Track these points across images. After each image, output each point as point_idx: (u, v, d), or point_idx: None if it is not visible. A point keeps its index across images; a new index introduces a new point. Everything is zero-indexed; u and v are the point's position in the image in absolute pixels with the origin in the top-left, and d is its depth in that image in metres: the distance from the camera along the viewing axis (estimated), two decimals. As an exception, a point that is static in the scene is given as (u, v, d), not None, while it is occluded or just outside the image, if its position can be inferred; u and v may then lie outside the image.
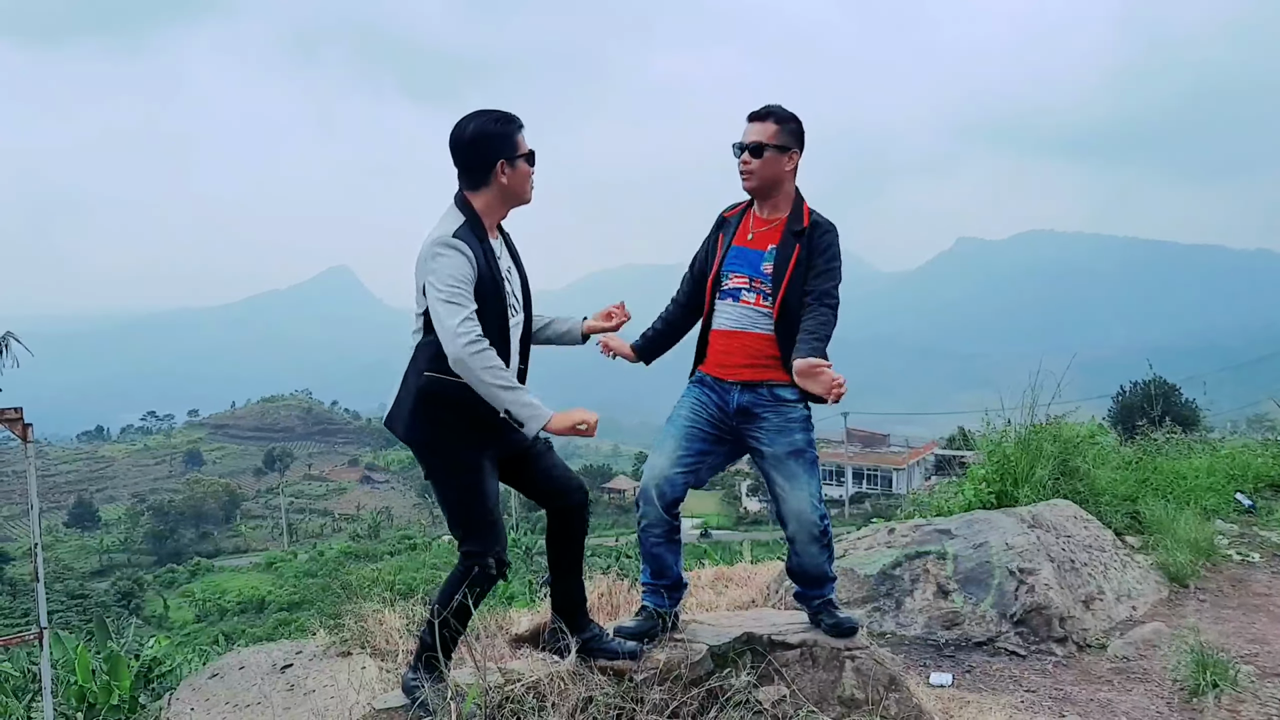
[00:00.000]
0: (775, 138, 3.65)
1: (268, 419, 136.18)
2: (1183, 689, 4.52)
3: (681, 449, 3.80)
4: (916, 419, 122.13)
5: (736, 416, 3.76)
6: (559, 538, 3.57)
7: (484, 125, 3.22)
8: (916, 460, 66.52)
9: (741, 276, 3.74)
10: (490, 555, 3.25)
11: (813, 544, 3.78)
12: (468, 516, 3.29)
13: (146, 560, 72.69)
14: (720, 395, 3.78)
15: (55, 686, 5.55)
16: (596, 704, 3.29)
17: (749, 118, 3.71)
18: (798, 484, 3.72)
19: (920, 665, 4.98)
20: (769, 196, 3.75)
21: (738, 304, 3.74)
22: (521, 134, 3.25)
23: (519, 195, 3.32)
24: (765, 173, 3.67)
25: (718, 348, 3.81)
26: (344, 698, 3.86)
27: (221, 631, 29.29)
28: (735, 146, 3.71)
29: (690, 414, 3.83)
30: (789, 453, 3.71)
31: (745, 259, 3.75)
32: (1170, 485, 7.70)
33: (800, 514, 3.73)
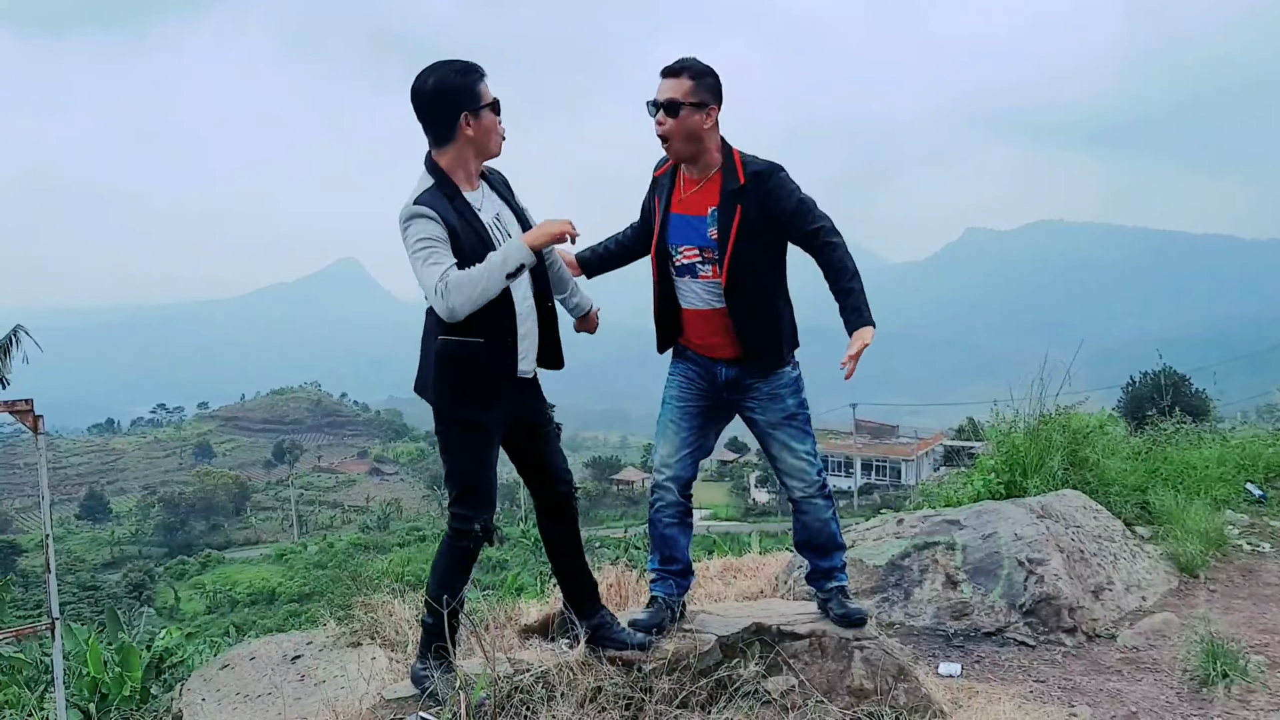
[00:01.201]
0: (691, 94, 3.46)
1: (277, 411, 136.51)
2: (1193, 679, 4.51)
3: (682, 430, 3.81)
4: (925, 410, 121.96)
5: (726, 389, 3.77)
6: (550, 525, 3.57)
7: (444, 77, 3.12)
8: (925, 451, 66.46)
9: (691, 249, 3.63)
10: (477, 521, 3.24)
11: (817, 498, 3.81)
12: (464, 476, 3.28)
13: (157, 552, 73.04)
14: (707, 369, 3.77)
15: (67, 677, 5.58)
16: (605, 694, 3.30)
17: (662, 74, 3.52)
18: (793, 447, 3.76)
19: (929, 655, 4.98)
20: (695, 157, 3.58)
21: (697, 279, 3.65)
22: (484, 83, 3.15)
23: (484, 147, 3.23)
24: (680, 130, 3.48)
25: (694, 329, 3.75)
26: (354, 688, 3.88)
27: (232, 623, 29.42)
28: (649, 105, 3.52)
29: (680, 393, 3.83)
30: (782, 418, 3.75)
31: (688, 227, 3.62)
32: (1180, 475, 7.67)
33: (800, 471, 3.78)
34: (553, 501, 3.52)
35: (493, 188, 3.36)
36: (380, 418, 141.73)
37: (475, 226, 3.17)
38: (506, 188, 3.43)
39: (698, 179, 3.62)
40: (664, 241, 3.68)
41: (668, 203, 3.67)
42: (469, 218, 3.17)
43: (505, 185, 3.43)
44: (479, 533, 3.25)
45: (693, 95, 3.46)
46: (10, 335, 14.75)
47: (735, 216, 3.52)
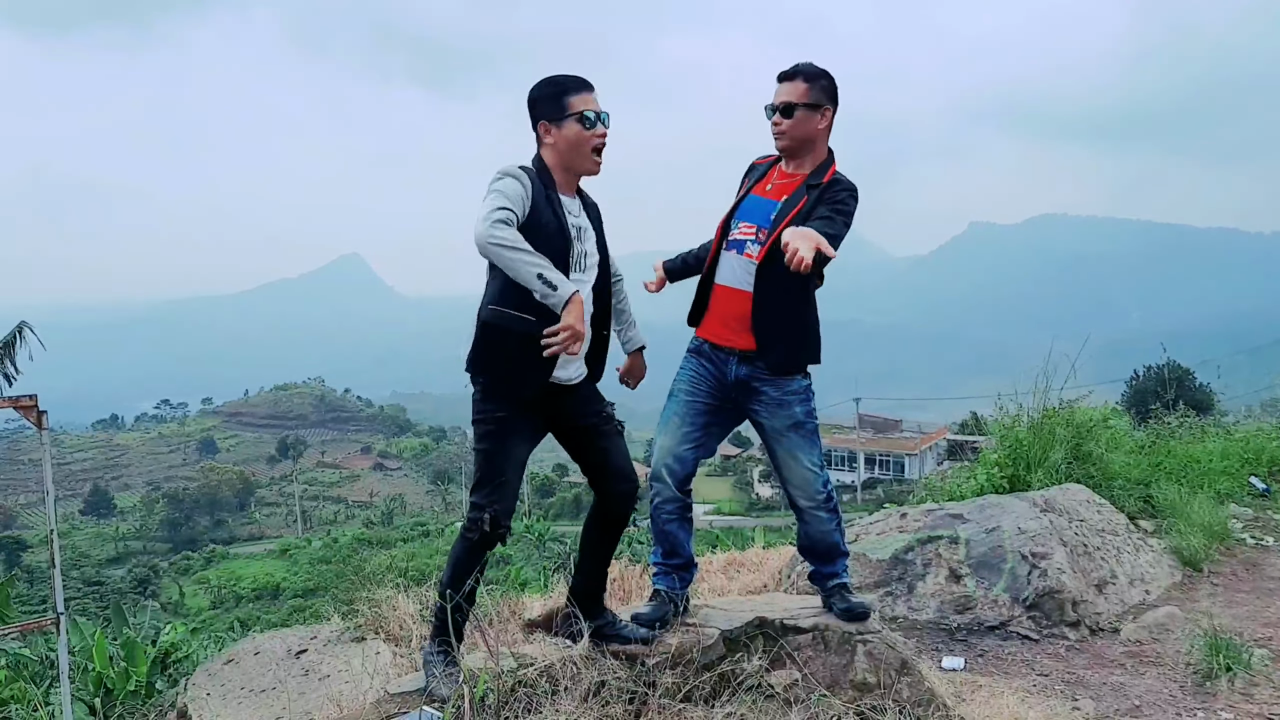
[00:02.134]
0: (805, 96, 3.58)
1: (281, 407, 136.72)
2: (1196, 673, 4.51)
3: (686, 425, 3.81)
4: (929, 404, 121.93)
5: (735, 389, 3.77)
6: (598, 522, 3.59)
7: (536, 89, 3.29)
8: (929, 446, 66.40)
9: (750, 226, 3.69)
10: (488, 510, 3.24)
11: (820, 510, 3.81)
12: (483, 464, 3.30)
13: (162, 547, 73.18)
14: (718, 366, 3.77)
15: (73, 673, 5.60)
16: (609, 688, 3.30)
17: (779, 78, 3.64)
18: (799, 456, 3.76)
19: (932, 649, 4.98)
20: (800, 155, 3.68)
21: (740, 255, 3.68)
22: (575, 96, 3.24)
23: (570, 158, 3.30)
24: (797, 132, 3.61)
25: (718, 307, 3.77)
26: (359, 683, 3.89)
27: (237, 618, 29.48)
28: (767, 109, 3.65)
29: (690, 387, 3.83)
30: (789, 426, 3.74)
31: (758, 208, 3.70)
32: (1184, 469, 7.67)
33: (806, 483, 3.77)
34: (611, 501, 3.54)
35: (586, 209, 3.44)
36: (384, 413, 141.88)
37: (559, 214, 3.25)
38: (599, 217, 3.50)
39: (791, 174, 3.72)
40: (731, 215, 3.77)
41: (753, 186, 3.77)
42: (555, 205, 3.26)
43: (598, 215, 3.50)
44: (486, 523, 3.24)
45: (807, 97, 3.58)
46: (14, 332, 14.77)
47: (799, 203, 3.60)
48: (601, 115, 3.28)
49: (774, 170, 3.77)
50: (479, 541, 3.28)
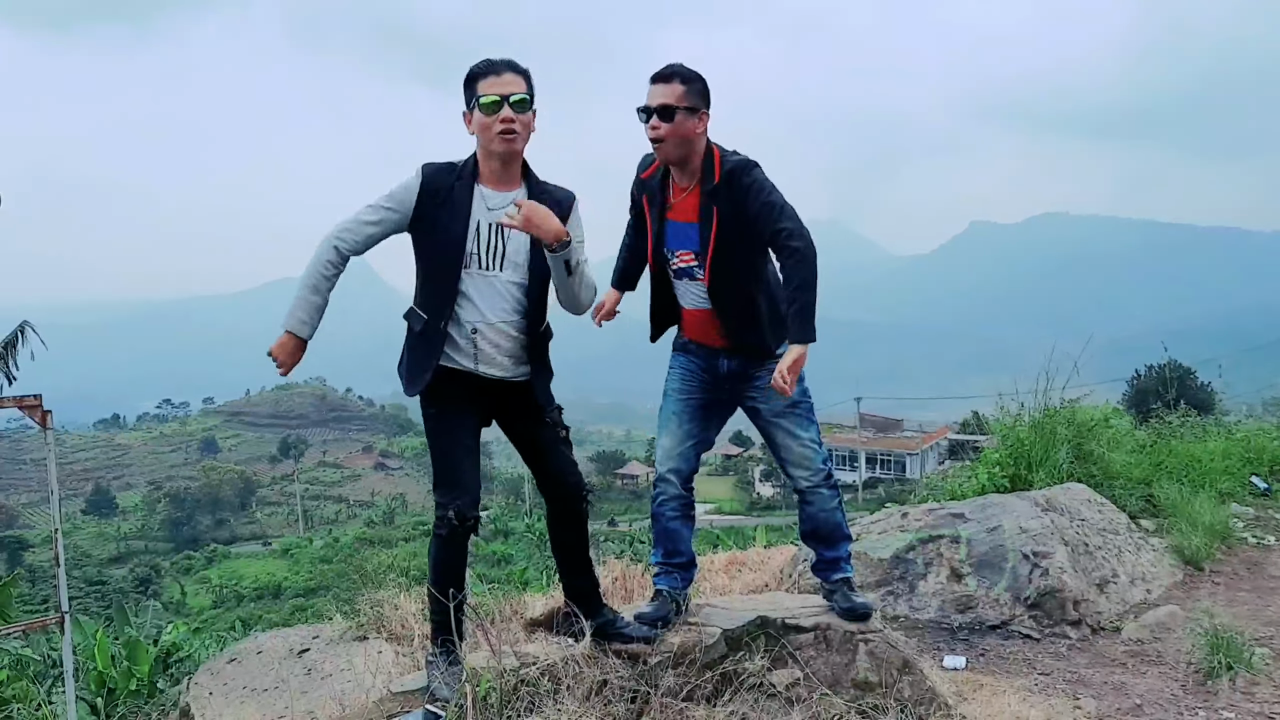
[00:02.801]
0: (684, 99, 3.45)
1: (282, 406, 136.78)
2: (1197, 672, 4.51)
3: (685, 423, 3.81)
4: (930, 403, 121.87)
5: (728, 380, 3.78)
6: (555, 528, 3.60)
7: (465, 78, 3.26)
8: (930, 445, 66.39)
9: (687, 254, 3.64)
10: (450, 508, 3.23)
11: (822, 486, 3.82)
12: (435, 463, 3.31)
13: (164, 547, 73.27)
14: (708, 359, 3.79)
15: (76, 672, 5.60)
16: (611, 687, 3.31)
17: (652, 79, 3.51)
18: (797, 434, 3.76)
19: (934, 648, 4.98)
20: (685, 163, 3.58)
21: (695, 281, 3.67)
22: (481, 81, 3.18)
23: (485, 143, 3.24)
24: (676, 135, 3.47)
25: (693, 328, 3.80)
26: (361, 682, 3.89)
27: (239, 617, 29.49)
28: (640, 111, 3.51)
29: (682, 385, 3.84)
30: (785, 406, 3.73)
31: (682, 234, 3.64)
32: (1185, 468, 7.67)
33: (807, 460, 3.77)
34: (556, 505, 3.54)
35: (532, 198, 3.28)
36: (385, 412, 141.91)
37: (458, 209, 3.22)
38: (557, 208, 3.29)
39: (687, 184, 3.64)
40: (660, 247, 3.70)
41: (662, 208, 3.68)
42: (459, 200, 3.22)
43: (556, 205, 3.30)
44: (453, 520, 3.24)
45: (685, 100, 3.46)
46: (17, 331, 14.78)
47: (713, 219, 3.54)
48: (517, 100, 3.16)
49: (670, 186, 3.67)
50: (449, 537, 3.27)
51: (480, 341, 3.25)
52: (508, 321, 3.29)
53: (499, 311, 3.28)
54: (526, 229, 3.13)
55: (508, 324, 3.29)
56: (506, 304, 3.29)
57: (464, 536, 3.29)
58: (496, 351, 3.29)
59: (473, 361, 3.27)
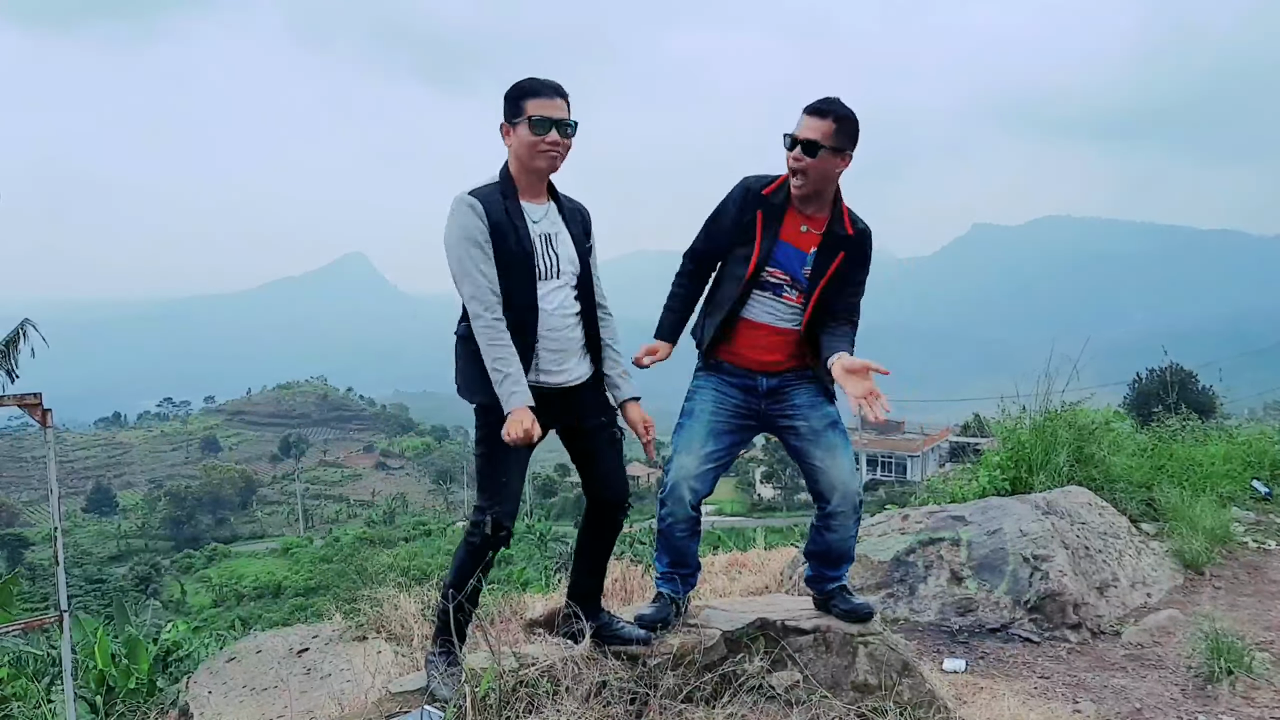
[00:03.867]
0: (831, 138, 3.42)
1: (284, 405, 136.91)
2: (1197, 676, 4.51)
3: (710, 446, 3.71)
4: (931, 405, 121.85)
5: (766, 398, 3.70)
6: (590, 531, 3.60)
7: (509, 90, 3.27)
8: (931, 447, 66.39)
9: (782, 274, 3.61)
10: (489, 514, 3.24)
11: (852, 515, 3.72)
12: (482, 470, 3.31)
13: (164, 545, 73.29)
14: (744, 380, 3.71)
15: (75, 670, 5.60)
16: (610, 688, 3.30)
17: (807, 110, 3.46)
18: (838, 455, 3.67)
19: (934, 651, 4.98)
20: (815, 199, 3.56)
21: (779, 299, 3.63)
22: (533, 100, 3.20)
23: (523, 161, 3.27)
24: (816, 173, 3.46)
25: (747, 338, 3.70)
26: (360, 681, 3.89)
27: (238, 616, 29.47)
28: (787, 138, 3.48)
29: (714, 407, 3.74)
30: (827, 425, 3.67)
31: (792, 258, 3.60)
32: (1186, 472, 7.67)
33: (845, 485, 3.66)
34: (599, 508, 3.54)
35: (562, 213, 3.41)
36: (386, 412, 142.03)
37: (518, 227, 3.25)
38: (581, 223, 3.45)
39: (810, 216, 3.61)
40: (763, 260, 3.63)
41: (778, 228, 3.62)
42: (515, 218, 3.25)
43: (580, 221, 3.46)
44: (488, 526, 3.25)
45: (833, 140, 3.43)
46: (18, 329, 14.78)
47: (834, 262, 3.56)
48: (562, 123, 3.22)
49: (791, 212, 3.62)
50: (481, 545, 3.29)
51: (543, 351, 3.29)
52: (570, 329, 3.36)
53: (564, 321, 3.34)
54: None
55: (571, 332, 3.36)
56: (567, 312, 3.35)
57: (495, 546, 3.30)
58: (556, 359, 3.34)
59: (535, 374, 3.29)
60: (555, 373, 3.33)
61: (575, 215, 3.45)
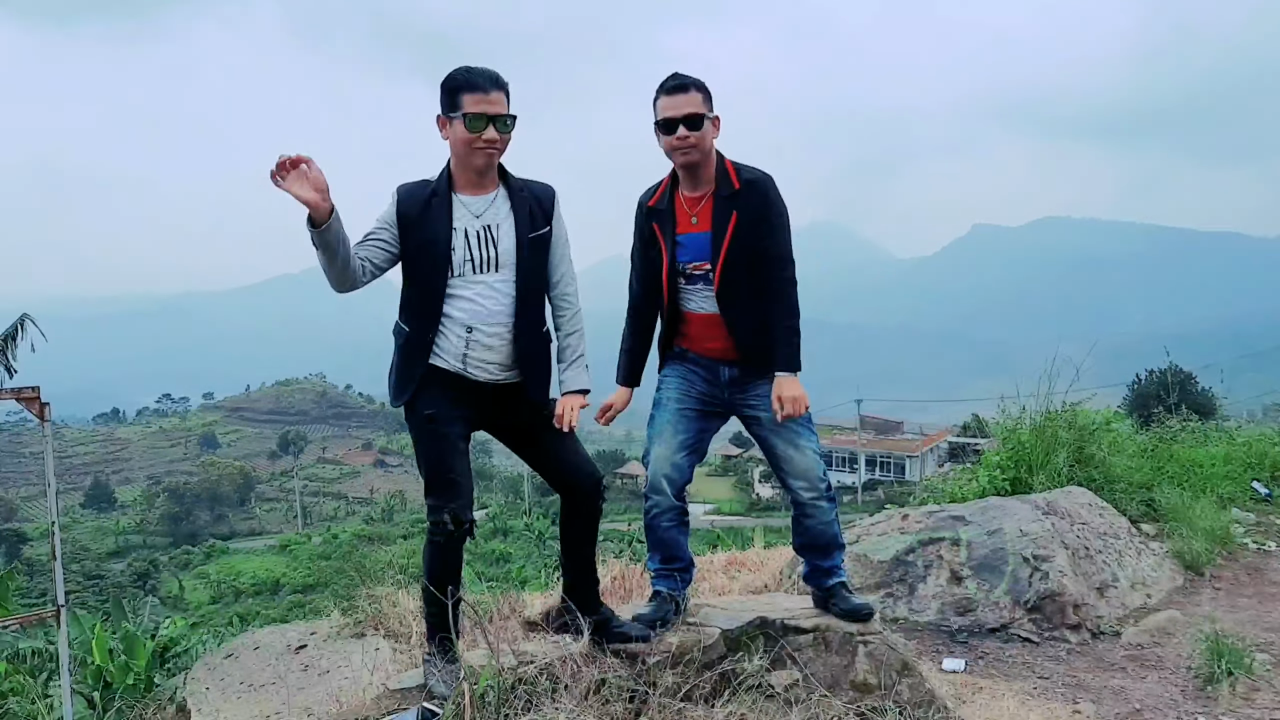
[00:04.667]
0: (704, 106, 3.50)
1: (282, 402, 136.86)
2: (1197, 677, 4.50)
3: (680, 432, 3.77)
4: (930, 406, 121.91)
5: (729, 388, 3.75)
6: (567, 523, 3.57)
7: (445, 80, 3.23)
8: (930, 447, 66.41)
9: (702, 264, 3.64)
10: (445, 511, 3.21)
11: (822, 499, 3.78)
12: (426, 467, 3.29)
13: (162, 542, 73.24)
14: (707, 369, 3.76)
15: (73, 665, 5.59)
16: (609, 686, 3.29)
17: (668, 91, 3.50)
18: (801, 444, 3.72)
19: (933, 651, 4.98)
20: (701, 170, 3.61)
21: (710, 287, 3.65)
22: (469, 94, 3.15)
23: (459, 156, 3.27)
24: (704, 144, 3.53)
25: (696, 332, 3.75)
26: (358, 678, 3.89)
27: (237, 613, 29.48)
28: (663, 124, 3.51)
29: (679, 395, 3.80)
30: None
31: (695, 246, 3.64)
32: (1186, 473, 7.66)
33: (808, 471, 3.73)
34: (570, 497, 3.52)
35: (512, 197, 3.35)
36: (385, 410, 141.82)
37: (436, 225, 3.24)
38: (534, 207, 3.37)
39: (700, 193, 3.64)
40: (674, 263, 3.69)
41: (674, 226, 3.67)
42: (437, 215, 3.25)
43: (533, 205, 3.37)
44: (448, 524, 3.22)
45: (705, 107, 3.51)
46: (17, 324, 14.77)
47: (729, 223, 3.56)
48: (500, 118, 3.18)
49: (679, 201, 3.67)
50: (445, 542, 3.27)
51: (473, 344, 3.27)
52: (502, 323, 3.30)
53: (494, 314, 3.29)
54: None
55: (503, 325, 3.31)
56: (501, 306, 3.31)
57: (460, 540, 3.28)
58: (489, 353, 3.30)
59: (461, 363, 3.28)
60: (485, 366, 3.31)
61: (526, 201, 3.37)
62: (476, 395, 3.32)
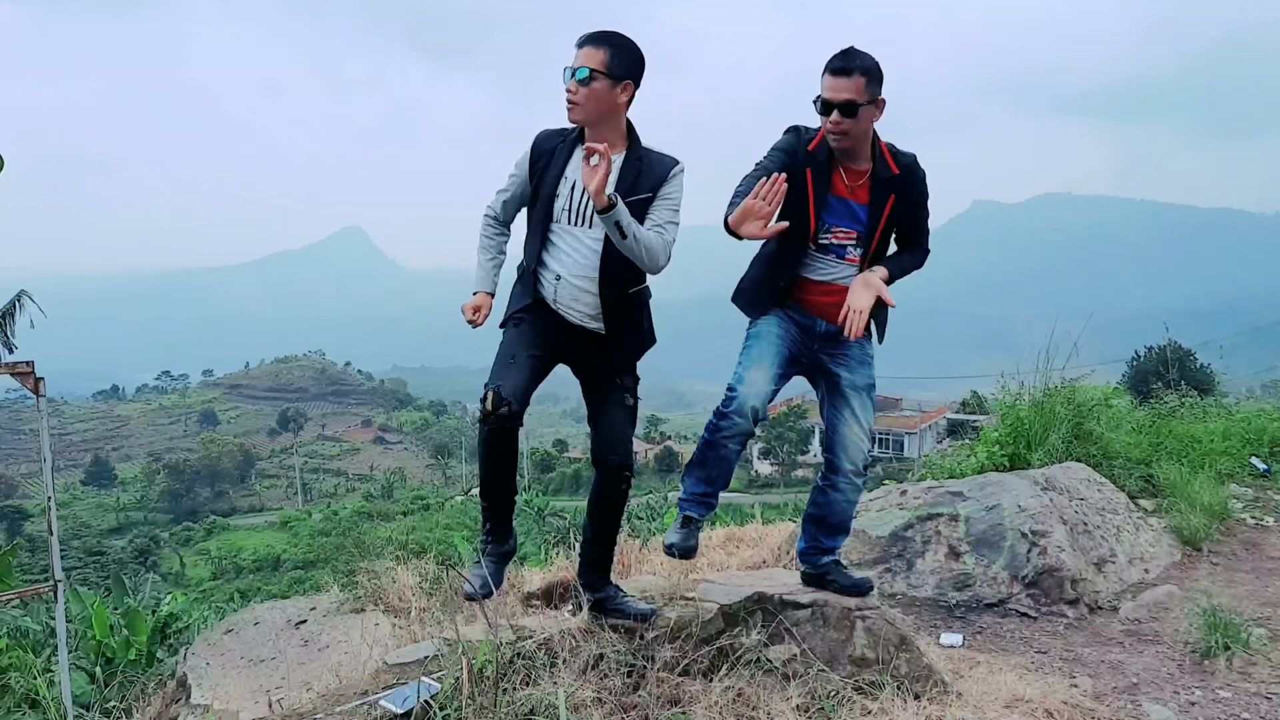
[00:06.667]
0: (865, 93, 3.37)
1: (282, 379, 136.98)
2: (1194, 651, 4.51)
3: (776, 367, 3.66)
4: (929, 383, 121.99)
5: (820, 340, 3.69)
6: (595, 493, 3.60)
7: None
8: (928, 424, 66.49)
9: (848, 233, 3.58)
10: (489, 389, 3.21)
11: (858, 477, 3.76)
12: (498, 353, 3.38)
13: (163, 518, 73.52)
14: (805, 319, 3.69)
15: (74, 641, 5.62)
16: (608, 661, 3.30)
17: (833, 71, 3.39)
18: (862, 418, 3.72)
19: (931, 626, 4.99)
20: (857, 152, 3.52)
21: (842, 260, 3.61)
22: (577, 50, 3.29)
23: None
24: (858, 131, 3.43)
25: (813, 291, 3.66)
26: (358, 653, 3.90)
27: (237, 589, 29.59)
28: (820, 102, 3.42)
29: (781, 332, 3.69)
30: (866, 385, 3.73)
31: (847, 212, 3.57)
32: (1185, 449, 7.66)
33: (857, 446, 3.71)
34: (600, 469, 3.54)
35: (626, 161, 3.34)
36: (384, 386, 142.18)
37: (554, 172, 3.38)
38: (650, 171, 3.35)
39: (859, 169, 3.57)
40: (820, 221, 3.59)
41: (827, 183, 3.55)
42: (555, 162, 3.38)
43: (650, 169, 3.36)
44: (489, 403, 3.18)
45: (866, 94, 3.39)
46: (14, 301, 14.75)
47: (886, 206, 3.54)
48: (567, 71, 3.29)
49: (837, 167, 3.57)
50: (492, 432, 3.23)
51: (561, 291, 3.38)
52: (587, 277, 3.36)
53: (580, 266, 3.36)
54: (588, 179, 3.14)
55: (587, 279, 3.36)
56: (588, 260, 3.36)
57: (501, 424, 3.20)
58: (575, 303, 3.39)
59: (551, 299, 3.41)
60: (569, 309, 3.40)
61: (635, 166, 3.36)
62: (567, 334, 3.42)
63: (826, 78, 3.41)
